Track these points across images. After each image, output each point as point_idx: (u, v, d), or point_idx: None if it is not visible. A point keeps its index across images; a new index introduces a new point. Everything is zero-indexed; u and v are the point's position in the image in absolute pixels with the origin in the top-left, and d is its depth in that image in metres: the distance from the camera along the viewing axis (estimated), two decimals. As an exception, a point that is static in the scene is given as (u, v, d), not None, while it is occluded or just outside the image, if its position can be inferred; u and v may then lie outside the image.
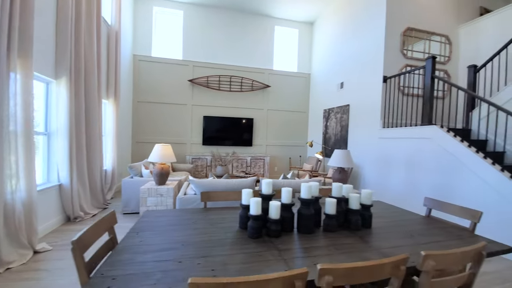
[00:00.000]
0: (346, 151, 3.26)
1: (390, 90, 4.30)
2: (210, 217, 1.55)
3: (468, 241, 1.32)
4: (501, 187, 2.56)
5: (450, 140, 3.09)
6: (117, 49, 4.49)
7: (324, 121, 6.15)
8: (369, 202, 1.47)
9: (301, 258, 1.05)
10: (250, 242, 1.18)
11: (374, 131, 4.41)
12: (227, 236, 1.25)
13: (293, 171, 5.12)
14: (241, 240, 1.21)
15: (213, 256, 1.03)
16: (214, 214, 1.61)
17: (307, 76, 7.00)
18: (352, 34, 5.11)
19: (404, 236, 1.35)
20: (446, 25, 4.67)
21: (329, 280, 0.76)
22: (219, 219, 1.51)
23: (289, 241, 1.21)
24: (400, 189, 3.81)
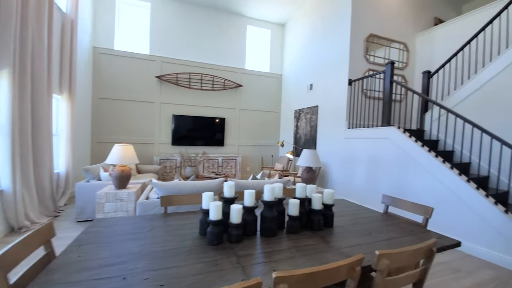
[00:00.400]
0: (313, 151, 3.33)
1: (355, 92, 4.50)
2: (170, 223, 1.44)
3: (420, 236, 1.40)
4: (450, 183, 2.80)
5: (406, 140, 3.32)
6: (72, 40, 4.07)
7: (295, 121, 6.26)
8: (331, 202, 1.49)
9: (260, 264, 1.01)
10: (209, 250, 1.11)
11: (340, 132, 4.59)
12: (185, 244, 1.16)
13: (264, 171, 5.12)
14: (199, 248, 1.13)
15: (165, 269, 0.94)
16: (174, 219, 1.50)
17: (279, 76, 7.07)
18: (322, 37, 5.26)
19: (362, 234, 1.38)
20: (404, 34, 5.03)
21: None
22: (179, 225, 1.41)
23: (251, 246, 1.16)
24: (363, 186, 4.01)
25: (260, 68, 6.92)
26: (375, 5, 4.68)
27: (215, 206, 1.17)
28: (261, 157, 6.86)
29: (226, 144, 6.46)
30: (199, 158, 4.79)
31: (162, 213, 1.64)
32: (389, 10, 4.84)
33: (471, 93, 3.50)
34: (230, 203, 1.31)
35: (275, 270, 0.96)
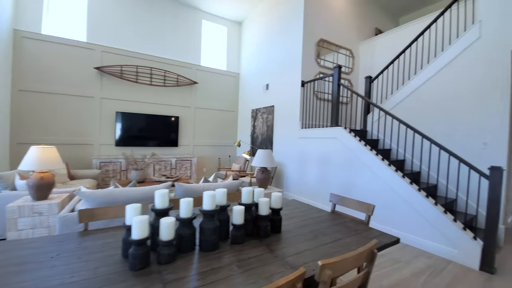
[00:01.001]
0: (268, 151, 3.28)
1: (307, 94, 4.63)
2: (87, 244, 1.17)
3: (364, 235, 1.41)
4: (389, 179, 3.04)
5: (351, 139, 3.52)
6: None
7: (252, 121, 6.20)
8: (278, 206, 1.40)
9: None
10: (130, 277, 0.90)
11: (294, 131, 4.67)
12: (98, 272, 0.92)
13: (220, 172, 4.93)
14: (118, 275, 0.91)
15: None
16: (94, 239, 1.23)
17: (237, 75, 6.93)
18: (277, 38, 5.29)
19: (309, 238, 1.32)
20: (350, 41, 5.38)
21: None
22: (98, 246, 1.15)
23: (184, 267, 0.99)
24: (316, 184, 4.14)
25: (217, 66, 6.67)
26: (324, 12, 4.89)
27: (138, 222, 0.96)
28: (218, 157, 6.63)
29: (181, 144, 6.05)
30: (148, 160, 4.35)
31: (81, 232, 1.34)
32: (337, 18, 5.12)
33: (405, 97, 3.89)
34: (163, 215, 1.11)
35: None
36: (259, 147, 5.80)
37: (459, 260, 2.38)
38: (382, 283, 1.99)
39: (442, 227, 2.53)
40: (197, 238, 1.20)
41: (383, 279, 2.04)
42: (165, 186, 2.33)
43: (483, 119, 3.02)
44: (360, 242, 1.29)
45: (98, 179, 4.38)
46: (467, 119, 3.17)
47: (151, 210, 1.13)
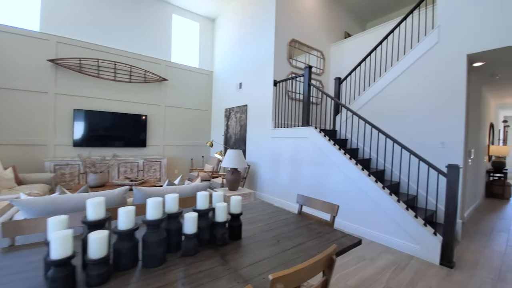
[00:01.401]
0: (238, 151, 3.17)
1: (280, 93, 4.60)
2: (6, 263, 0.96)
3: (327, 237, 1.35)
4: (355, 178, 3.09)
5: (321, 139, 3.54)
6: None
7: (225, 120, 6.04)
8: (238, 211, 1.30)
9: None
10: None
11: (267, 131, 4.61)
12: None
13: (190, 174, 4.73)
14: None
15: None
16: (17, 256, 1.02)
17: (210, 73, 6.72)
18: (250, 37, 5.19)
19: (270, 244, 1.24)
20: (321, 43, 5.47)
21: None
22: (20, 265, 0.95)
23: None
24: (288, 184, 4.12)
25: (189, 63, 6.41)
26: (296, 13, 4.90)
27: (59, 238, 0.79)
28: (191, 158, 6.37)
29: (149, 144, 5.70)
30: (110, 161, 4.00)
31: (4, 247, 1.12)
32: (308, 19, 5.17)
33: (371, 98, 4.02)
34: (97, 228, 0.94)
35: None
36: (233, 147, 5.67)
37: (421, 255, 2.47)
38: (347, 283, 1.98)
39: (404, 224, 2.61)
40: (141, 252, 1.05)
41: (349, 278, 2.04)
42: (122, 191, 2.11)
43: (442, 119, 3.20)
44: (321, 246, 1.23)
45: (52, 184, 3.94)
46: (427, 119, 3.34)
47: (81, 222, 0.96)
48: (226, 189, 3.29)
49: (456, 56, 3.07)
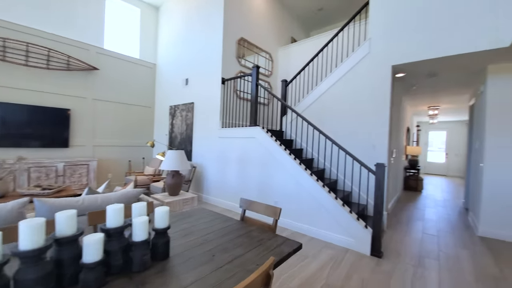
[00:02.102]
0: (179, 151, 2.87)
1: (228, 92, 4.44)
2: None
3: (267, 245, 1.25)
4: (299, 178, 3.16)
5: (268, 139, 3.53)
6: None
7: (170, 119, 5.56)
8: (164, 224, 1.08)
9: None
10: None
11: (215, 131, 4.40)
12: None
13: (109, 180, 4.16)
14: None
15: None
16: None
17: (153, 66, 6.09)
18: (197, 30, 4.87)
19: (203, 261, 1.06)
20: (269, 45, 5.53)
21: None
22: None
23: None
24: (236, 186, 3.99)
25: (129, 53, 5.67)
26: (245, 11, 4.82)
27: None
28: (129, 160, 5.64)
29: (74, 144, 4.80)
30: (14, 165, 3.17)
31: None
32: (258, 21, 5.15)
33: (313, 101, 4.21)
34: None
35: None
36: (178, 148, 5.25)
37: (355, 248, 2.65)
38: (290, 285, 1.95)
39: (341, 219, 2.77)
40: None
41: (292, 280, 2.01)
42: (18, 204, 1.63)
43: (372, 123, 3.54)
44: (261, 257, 1.12)
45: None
46: (360, 122, 3.65)
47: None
48: (166, 195, 2.95)
49: (383, 67, 3.44)
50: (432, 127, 10.28)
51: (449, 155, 9.91)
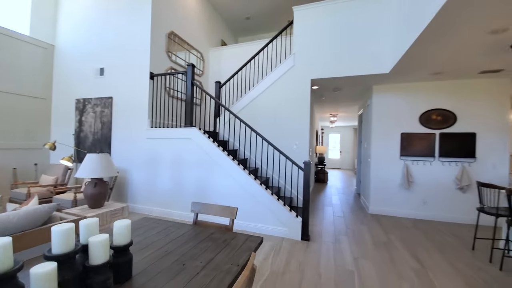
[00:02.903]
0: (103, 155, 2.41)
1: (158, 89, 4.05)
2: None
3: (234, 245, 1.27)
4: (238, 177, 3.25)
5: (205, 140, 3.46)
6: None
7: (78, 115, 4.52)
8: (126, 241, 0.93)
9: None
10: None
11: (142, 131, 3.92)
12: None
13: (15, 190, 3.20)
14: None
15: None
16: None
17: (50, 47, 4.77)
18: (120, 14, 4.18)
19: (175, 273, 0.98)
20: (201, 44, 5.39)
21: None
22: None
23: None
24: (170, 190, 3.70)
25: (12, 26, 4.22)
26: (176, 6, 4.52)
27: None
28: (14, 167, 4.22)
29: None
30: None
31: None
32: (189, 17, 4.93)
33: (246, 104, 4.42)
34: None
35: None
36: (90, 150, 4.35)
37: (289, 235, 2.98)
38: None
39: (277, 212, 3.06)
40: None
41: (242, 275, 2.08)
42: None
43: (296, 126, 4.04)
44: (233, 256, 1.14)
45: None
46: (287, 126, 4.11)
47: None
48: (84, 208, 2.41)
49: (304, 79, 4.00)
50: (331, 130, 12.60)
51: (342, 153, 12.42)
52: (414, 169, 4.05)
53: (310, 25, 3.97)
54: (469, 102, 3.85)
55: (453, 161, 3.87)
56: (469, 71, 3.46)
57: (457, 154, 3.84)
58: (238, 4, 5.67)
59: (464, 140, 3.84)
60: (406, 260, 2.48)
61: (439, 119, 3.96)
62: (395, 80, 3.95)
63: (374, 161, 4.29)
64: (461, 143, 3.84)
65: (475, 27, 2.19)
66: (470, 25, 2.16)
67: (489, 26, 2.16)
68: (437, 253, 2.66)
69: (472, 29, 2.23)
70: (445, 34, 2.34)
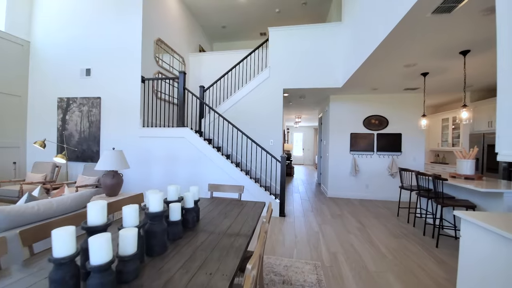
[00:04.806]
0: (118, 151, 2.78)
1: (148, 91, 4.38)
2: None
3: (249, 206, 1.92)
4: (227, 169, 3.86)
5: (197, 138, 3.97)
6: None
7: (60, 113, 4.52)
8: (197, 197, 1.52)
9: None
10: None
11: (134, 130, 4.21)
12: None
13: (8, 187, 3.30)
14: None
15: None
16: None
17: (25, 44, 4.62)
18: (112, 19, 4.33)
19: (223, 217, 1.60)
20: (182, 50, 5.75)
21: None
22: None
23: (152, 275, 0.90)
24: (162, 183, 4.09)
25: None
26: (162, 14, 4.85)
27: (62, 236, 0.74)
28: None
29: None
30: None
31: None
32: (173, 24, 5.28)
33: (229, 107, 5.00)
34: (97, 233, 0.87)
35: None
36: (76, 147, 4.43)
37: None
38: (241, 242, 2.66)
39: (258, 195, 3.76)
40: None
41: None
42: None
43: (271, 127, 4.80)
44: (252, 210, 1.79)
45: None
46: (264, 126, 4.83)
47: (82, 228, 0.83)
48: (103, 196, 2.74)
49: (278, 88, 4.78)
50: (295, 130, 13.85)
51: (304, 150, 13.77)
52: (359, 161, 5.18)
53: (283, 43, 4.76)
54: (397, 110, 5.11)
55: (386, 154, 5.10)
56: (396, 88, 4.66)
57: (389, 149, 5.08)
58: (216, 14, 6.17)
59: (393, 138, 5.09)
60: (353, 224, 3.43)
61: (376, 123, 5.15)
62: (346, 92, 5.00)
63: (331, 155, 5.32)
64: (391, 141, 5.09)
65: (396, 62, 3.21)
66: (393, 61, 3.18)
67: (404, 62, 3.21)
68: (374, 219, 3.70)
69: (395, 63, 3.26)
70: (378, 65, 3.34)
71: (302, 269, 2.14)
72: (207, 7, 5.89)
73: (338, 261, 2.34)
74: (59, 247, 0.74)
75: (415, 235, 3.08)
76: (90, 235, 0.85)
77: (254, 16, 6.21)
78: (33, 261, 0.99)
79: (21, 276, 0.87)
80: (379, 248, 2.65)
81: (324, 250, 2.56)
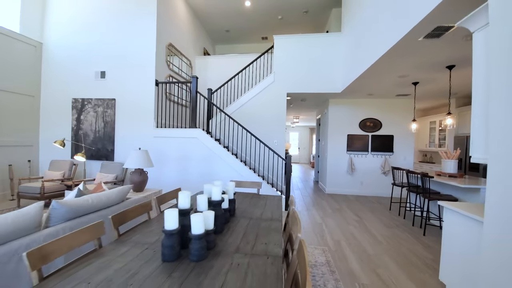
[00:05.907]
0: (143, 151, 3.06)
1: (162, 94, 4.62)
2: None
3: (270, 199, 2.25)
4: (236, 167, 4.17)
5: (209, 139, 4.26)
6: None
7: (75, 113, 4.71)
8: (232, 196, 1.84)
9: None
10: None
11: (148, 130, 4.45)
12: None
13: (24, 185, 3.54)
14: (196, 268, 0.98)
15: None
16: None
17: (38, 45, 4.76)
18: (128, 29, 4.54)
19: (253, 208, 1.93)
20: (189, 53, 6.00)
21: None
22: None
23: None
24: (176, 180, 4.36)
25: (2, 23, 4.17)
26: (173, 19, 5.08)
27: (170, 215, 1.06)
28: (9, 164, 4.22)
29: None
30: None
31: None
32: (182, 29, 5.52)
33: (236, 109, 5.30)
34: (185, 215, 1.18)
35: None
36: (91, 146, 4.64)
37: (276, 208, 4.06)
38: (256, 232, 2.99)
39: (268, 192, 4.09)
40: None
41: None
42: (36, 208, 1.63)
43: (275, 128, 5.13)
44: (276, 201, 2.13)
45: None
46: (269, 127, 5.16)
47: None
48: (130, 191, 3.01)
49: (282, 92, 5.11)
50: (292, 130, 14.25)
51: (300, 149, 14.21)
52: (355, 160, 5.60)
53: (287, 51, 5.09)
54: (390, 114, 5.55)
55: (379, 154, 5.54)
56: (389, 94, 5.09)
57: (382, 149, 5.52)
58: (221, 19, 6.44)
59: (386, 140, 5.53)
60: (351, 216, 3.82)
61: (371, 125, 5.57)
62: (344, 97, 5.39)
63: (329, 155, 5.71)
64: (384, 142, 5.53)
65: (391, 73, 3.60)
66: (388, 73, 3.56)
67: (398, 73, 3.60)
68: (369, 213, 4.10)
69: (390, 74, 3.65)
70: (375, 75, 3.72)
71: (312, 253, 2.50)
72: (213, 12, 6.14)
73: (342, 246, 2.71)
74: (170, 223, 1.05)
75: (405, 225, 3.49)
76: (181, 215, 1.17)
77: (257, 22, 6.51)
78: (124, 240, 1.28)
79: (126, 249, 1.17)
80: (375, 236, 3.04)
81: (328, 238, 2.93)
